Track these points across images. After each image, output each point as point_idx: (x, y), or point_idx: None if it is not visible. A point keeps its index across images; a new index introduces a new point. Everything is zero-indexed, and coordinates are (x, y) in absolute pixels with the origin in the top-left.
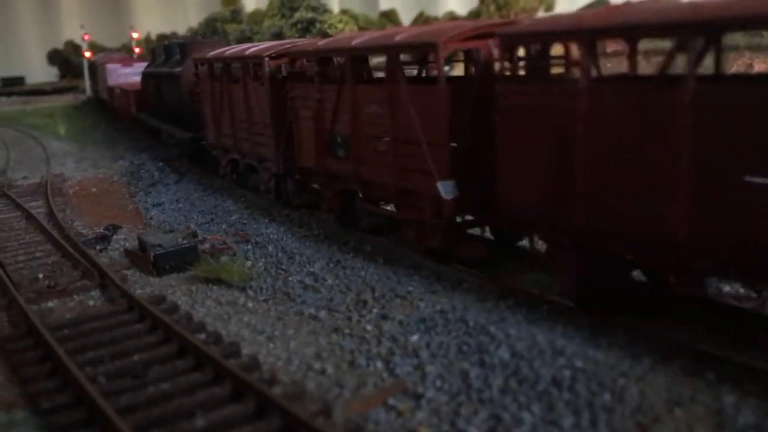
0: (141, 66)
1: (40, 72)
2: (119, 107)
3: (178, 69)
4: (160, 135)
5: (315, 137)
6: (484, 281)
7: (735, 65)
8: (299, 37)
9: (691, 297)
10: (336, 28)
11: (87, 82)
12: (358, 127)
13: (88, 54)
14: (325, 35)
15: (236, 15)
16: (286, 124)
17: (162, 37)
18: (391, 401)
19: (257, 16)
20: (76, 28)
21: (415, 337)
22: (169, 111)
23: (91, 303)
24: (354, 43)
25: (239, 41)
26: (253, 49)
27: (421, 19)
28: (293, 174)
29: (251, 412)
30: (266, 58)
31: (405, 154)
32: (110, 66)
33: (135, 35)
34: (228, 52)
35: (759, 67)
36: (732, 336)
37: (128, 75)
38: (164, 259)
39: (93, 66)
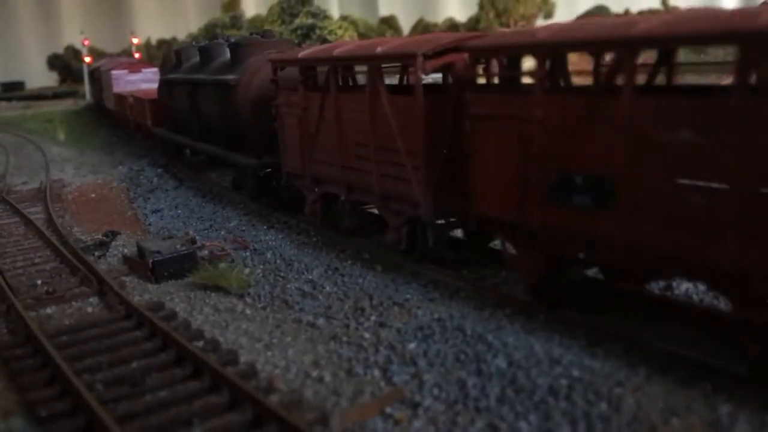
0: (150, 72)
1: (40, 77)
2: (130, 118)
3: (233, 76)
4: (182, 155)
5: (519, 175)
6: (481, 290)
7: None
8: (298, 43)
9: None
10: (336, 34)
11: (87, 87)
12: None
13: (88, 59)
14: (325, 41)
15: (236, 21)
16: (444, 150)
17: (162, 42)
18: (388, 410)
19: (257, 22)
20: (76, 33)
21: (412, 345)
22: (209, 127)
23: (90, 310)
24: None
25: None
26: (390, 45)
27: (421, 25)
28: (445, 220)
29: (249, 421)
30: (421, 57)
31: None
32: (116, 72)
33: (135, 40)
34: (340, 51)
35: None
36: (730, 345)
37: (136, 82)
38: (163, 266)
39: (95, 72)
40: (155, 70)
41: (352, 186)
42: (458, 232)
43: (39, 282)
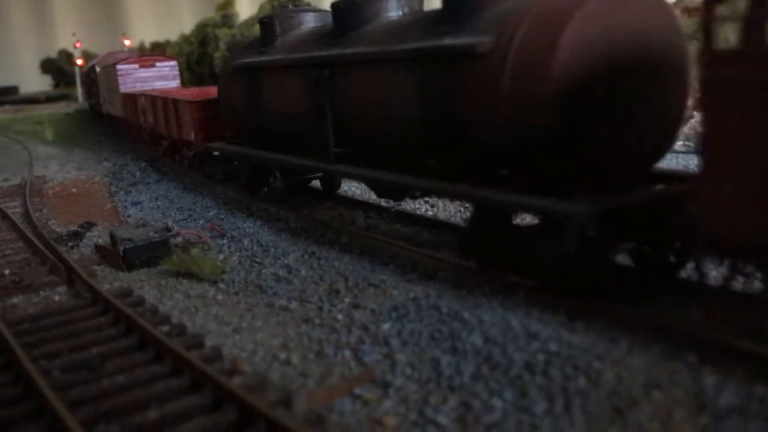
0: (166, 66)
1: (34, 81)
2: (146, 128)
3: (483, 38)
4: (268, 185)
5: None
6: (460, 268)
7: None
8: None
9: None
10: None
11: (79, 90)
12: None
13: (80, 61)
14: None
15: (227, 20)
16: None
17: (156, 44)
18: (357, 390)
19: (249, 20)
20: (69, 37)
21: (386, 326)
22: (378, 139)
23: (57, 298)
24: None
25: (231, 46)
26: None
27: None
28: None
29: (208, 404)
30: None
31: None
32: (124, 67)
33: (127, 42)
34: None
35: None
36: (718, 319)
37: (150, 80)
38: (134, 254)
39: (90, 72)
40: (173, 63)
41: None
42: None
43: (6, 272)
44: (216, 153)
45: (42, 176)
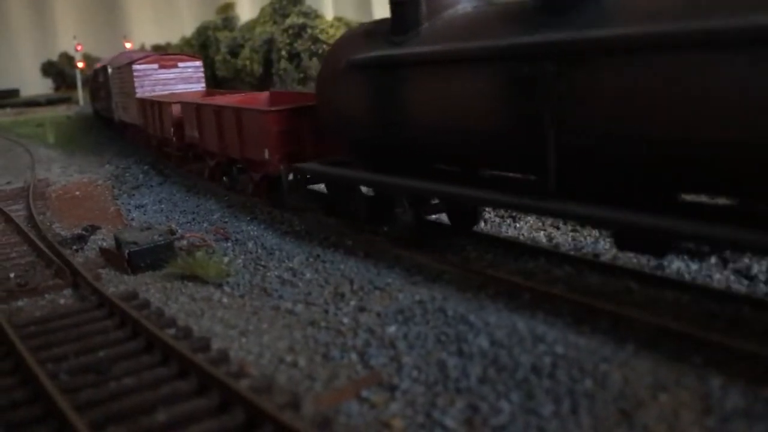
0: (191, 66)
1: (35, 84)
2: (176, 141)
3: None
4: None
5: None
6: (464, 271)
7: None
8: (290, 43)
9: None
10: (327, 33)
11: (80, 93)
12: None
13: (81, 64)
14: (317, 41)
15: (228, 22)
16: None
17: (157, 47)
18: (364, 393)
19: (249, 23)
20: (70, 40)
21: (392, 329)
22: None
23: (62, 302)
24: None
25: (231, 48)
26: None
27: None
28: None
29: (215, 406)
30: None
31: None
32: (141, 67)
33: (128, 45)
34: None
35: None
36: (722, 321)
37: (171, 82)
38: (139, 257)
39: (99, 74)
40: (197, 64)
41: None
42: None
43: (12, 275)
44: (308, 176)
45: (45, 179)
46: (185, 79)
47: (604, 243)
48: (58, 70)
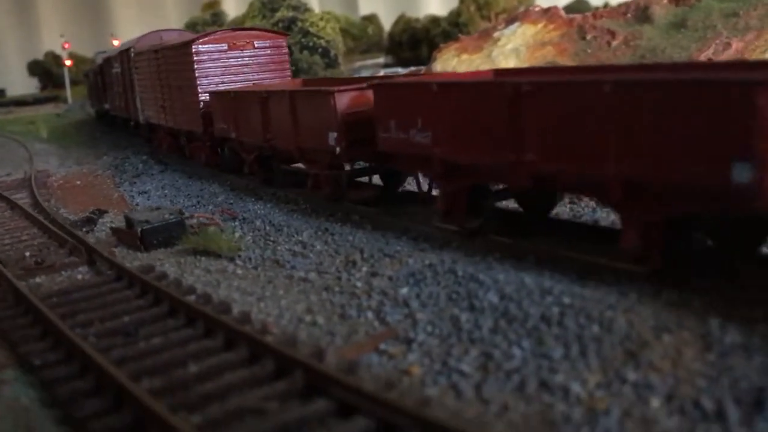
0: (271, 45)
1: (21, 84)
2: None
3: None
4: None
5: None
6: (470, 238)
7: (713, 45)
8: None
9: None
10: (317, 26)
11: (68, 91)
12: None
13: (68, 62)
14: (307, 34)
15: (217, 18)
16: None
17: None
18: (382, 346)
19: (238, 18)
20: (56, 39)
21: (404, 290)
22: None
23: (80, 277)
24: None
25: None
26: None
27: (402, 21)
28: None
29: (245, 359)
30: None
31: None
32: (205, 48)
33: (116, 43)
34: None
35: (736, 45)
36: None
37: (246, 68)
38: (151, 234)
39: (106, 65)
40: (281, 41)
41: None
42: None
43: (27, 254)
44: None
45: (45, 170)
46: (264, 66)
47: (602, 212)
48: (44, 69)
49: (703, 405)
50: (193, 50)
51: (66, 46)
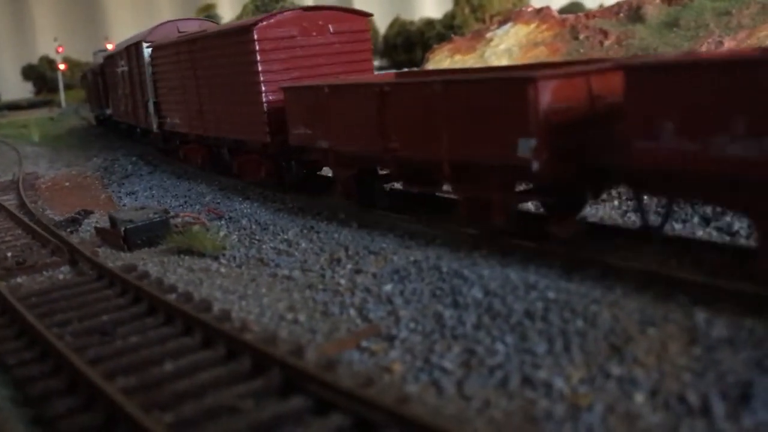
0: (350, 28)
1: (16, 88)
2: None
3: None
4: None
5: None
6: (456, 234)
7: (705, 43)
8: None
9: None
10: None
11: (62, 95)
12: None
13: (62, 66)
14: None
15: (212, 20)
16: None
17: None
18: (364, 343)
19: (233, 21)
20: (50, 43)
21: (388, 287)
22: None
23: (61, 277)
24: None
25: None
26: None
27: (397, 24)
28: None
29: (222, 357)
30: None
31: None
32: (269, 33)
33: (110, 46)
34: None
35: (728, 44)
36: (707, 266)
37: (321, 58)
38: (135, 234)
39: (108, 65)
40: (363, 26)
41: None
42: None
43: (9, 255)
44: None
45: (33, 172)
46: (343, 55)
47: (590, 208)
48: (38, 74)
49: (688, 400)
50: (255, 36)
51: (60, 50)
